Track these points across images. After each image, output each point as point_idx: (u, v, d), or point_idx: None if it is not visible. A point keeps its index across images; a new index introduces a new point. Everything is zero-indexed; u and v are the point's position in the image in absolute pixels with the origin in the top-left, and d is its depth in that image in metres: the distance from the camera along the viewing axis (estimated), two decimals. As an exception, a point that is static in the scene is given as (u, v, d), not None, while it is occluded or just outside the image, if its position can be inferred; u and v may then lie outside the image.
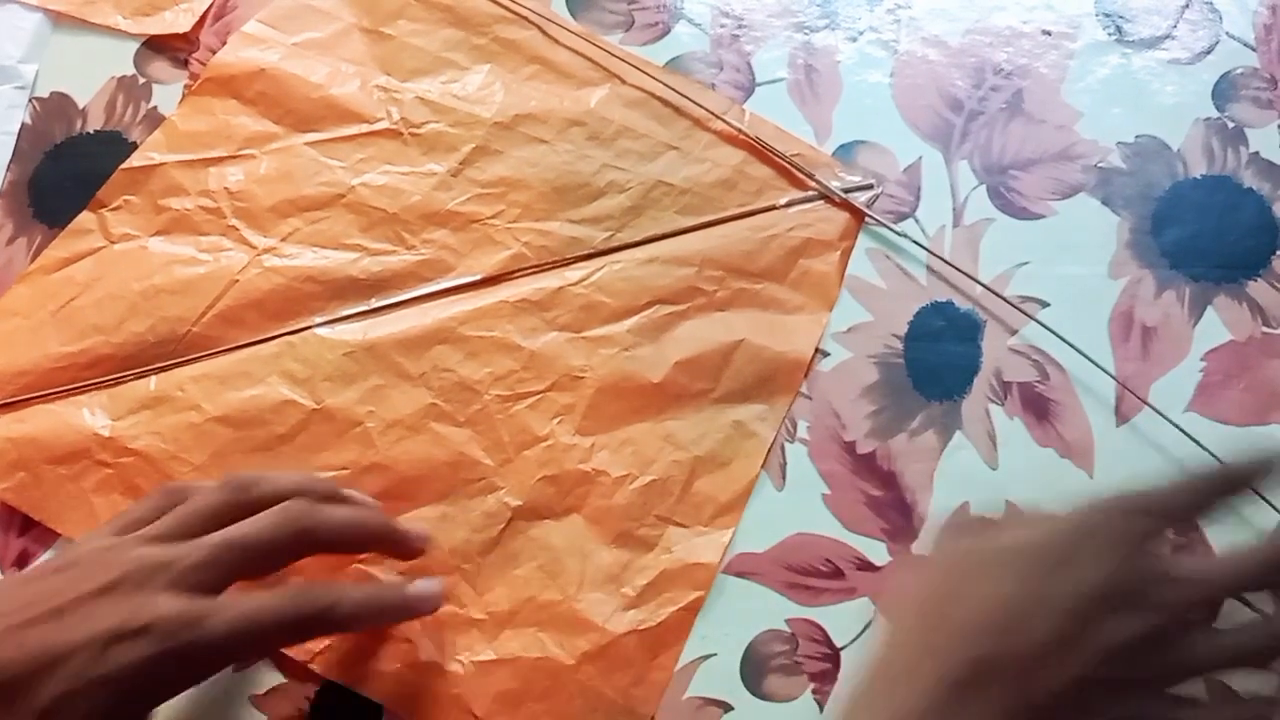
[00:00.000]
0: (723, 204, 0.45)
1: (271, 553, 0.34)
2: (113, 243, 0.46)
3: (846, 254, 0.44)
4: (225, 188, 0.47)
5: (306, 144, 0.47)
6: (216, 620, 0.32)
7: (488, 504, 0.41)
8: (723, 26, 0.49)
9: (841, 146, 0.46)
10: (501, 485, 0.41)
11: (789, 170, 0.46)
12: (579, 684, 0.38)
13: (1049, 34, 0.47)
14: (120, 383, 0.43)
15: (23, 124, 0.51)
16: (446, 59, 0.49)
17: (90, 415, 0.42)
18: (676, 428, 0.42)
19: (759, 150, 0.46)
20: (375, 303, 0.44)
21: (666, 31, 0.49)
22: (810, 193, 0.45)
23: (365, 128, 0.47)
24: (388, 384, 0.43)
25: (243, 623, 0.32)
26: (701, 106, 0.47)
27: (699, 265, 0.44)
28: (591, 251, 0.45)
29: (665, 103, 0.47)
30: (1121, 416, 0.40)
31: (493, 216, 0.46)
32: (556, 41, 0.49)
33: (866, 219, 0.44)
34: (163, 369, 0.43)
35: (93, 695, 0.30)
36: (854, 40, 0.48)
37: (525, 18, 0.50)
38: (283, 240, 0.45)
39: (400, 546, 0.38)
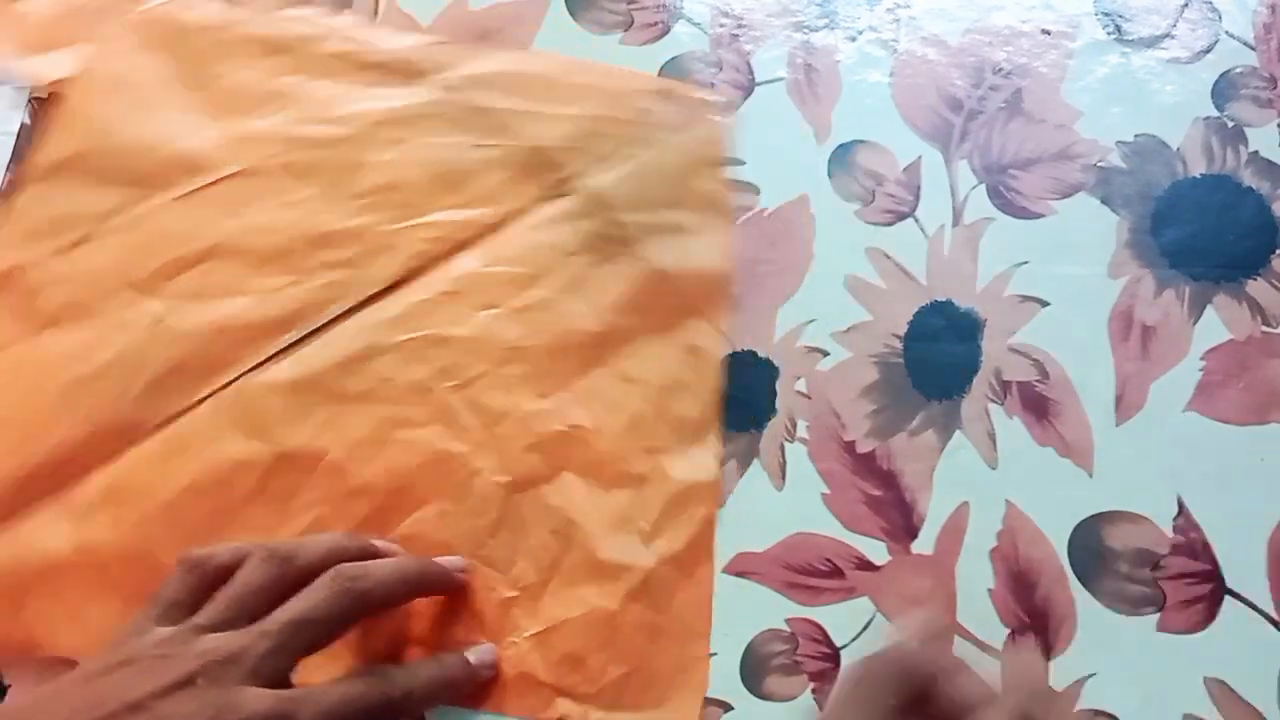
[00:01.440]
0: (598, 152, 0.46)
1: (333, 626, 0.35)
2: (3, 350, 0.45)
3: (726, 164, 0.46)
4: (97, 267, 0.45)
5: (168, 203, 0.46)
6: (305, 715, 0.32)
7: (477, 488, 0.41)
8: (722, 26, 0.49)
9: (841, 146, 0.46)
10: (483, 466, 0.41)
11: (650, 97, 0.47)
12: (632, 624, 0.39)
13: (1048, 33, 0.47)
14: (68, 488, 0.42)
15: (22, 124, 0.51)
16: (278, 89, 0.48)
17: (51, 528, 0.41)
18: (630, 366, 0.42)
19: (616, 93, 0.47)
20: (294, 336, 0.44)
21: (666, 31, 0.49)
22: (675, 114, 0.46)
23: (218, 174, 0.47)
24: (337, 410, 0.42)
25: (331, 713, 0.33)
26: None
27: (596, 212, 0.45)
28: (486, 228, 0.45)
29: (508, 75, 0.48)
30: (1121, 416, 0.40)
31: (379, 224, 0.45)
32: (379, 47, 0.49)
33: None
34: (106, 461, 0.42)
35: None
36: (853, 40, 0.48)
37: (335, 34, 0.49)
38: (178, 301, 0.45)
39: (444, 584, 0.39)
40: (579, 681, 0.38)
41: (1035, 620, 0.37)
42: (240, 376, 0.43)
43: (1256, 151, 0.43)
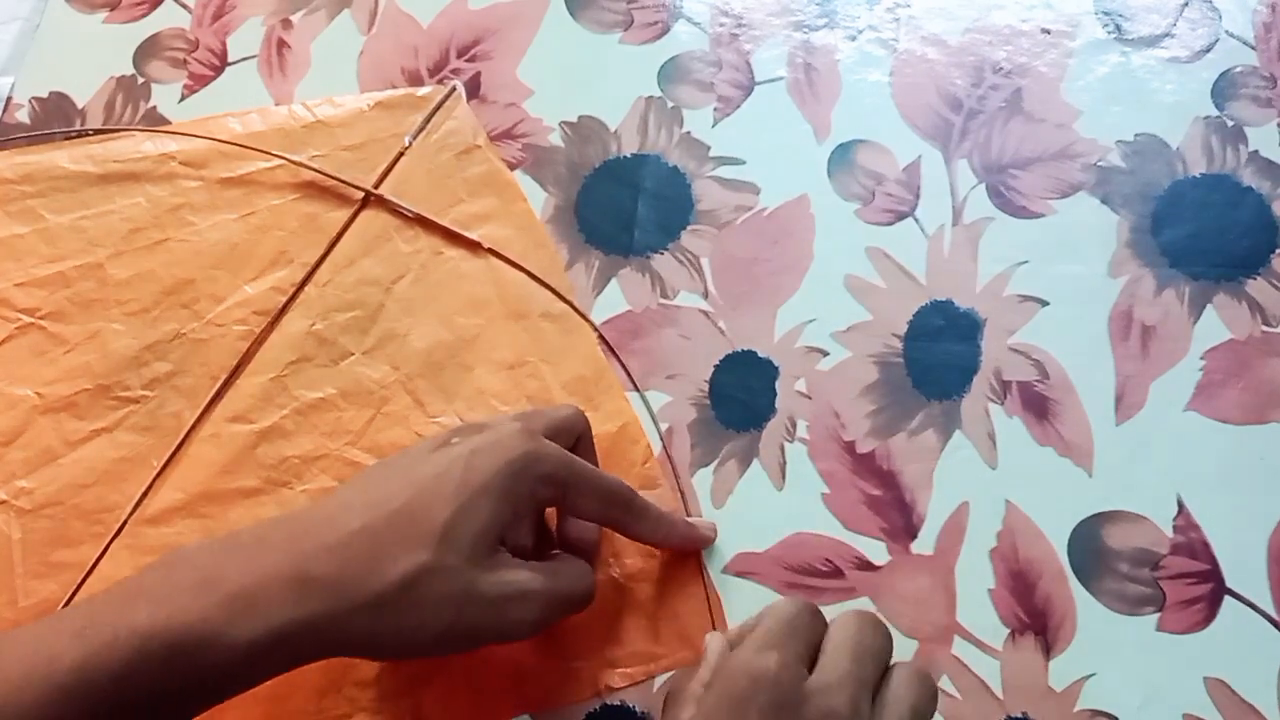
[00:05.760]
0: (362, 179, 0.47)
1: (557, 421, 0.37)
2: None
3: (487, 145, 0.48)
4: None
5: None
6: (548, 445, 0.35)
7: None
8: (722, 25, 0.49)
9: (841, 145, 0.46)
10: None
11: (380, 114, 0.49)
12: (626, 577, 0.40)
13: (1048, 32, 0.47)
14: None
15: (22, 124, 0.51)
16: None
17: None
18: (502, 355, 0.44)
19: (345, 120, 0.49)
20: (156, 464, 0.43)
21: (665, 31, 0.49)
22: (411, 121, 0.48)
23: None
24: (249, 507, 0.42)
25: (567, 458, 0.35)
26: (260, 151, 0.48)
27: (392, 235, 0.46)
28: (295, 288, 0.46)
29: (230, 142, 0.49)
30: (1121, 415, 0.40)
31: (187, 327, 0.45)
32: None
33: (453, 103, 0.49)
34: None
35: (479, 504, 0.33)
36: (853, 39, 0.48)
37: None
38: (22, 468, 0.44)
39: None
40: (618, 654, 0.39)
41: (1035, 620, 0.37)
42: (125, 523, 0.42)
43: (1256, 151, 0.43)
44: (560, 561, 0.37)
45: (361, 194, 0.47)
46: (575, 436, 0.38)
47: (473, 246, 0.46)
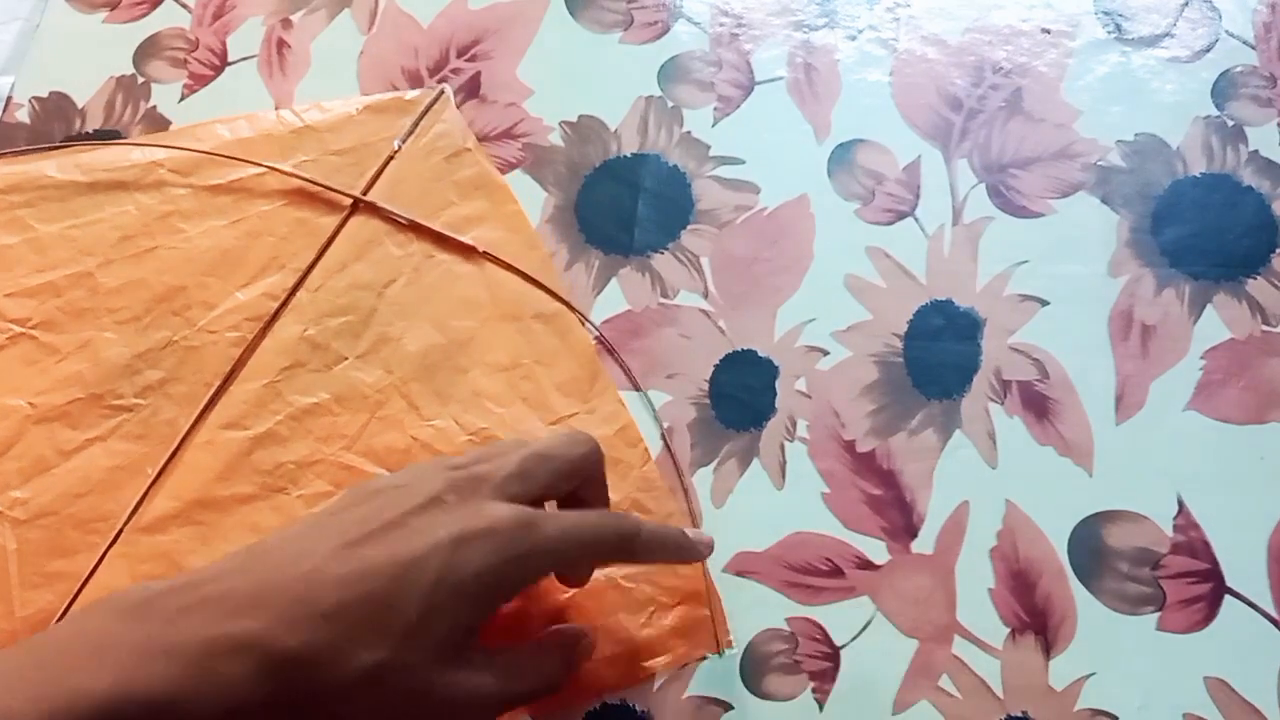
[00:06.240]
0: (352, 183, 0.47)
1: (568, 466, 0.35)
2: None
3: (477, 148, 0.48)
4: None
5: None
6: (548, 526, 0.33)
7: None
8: (722, 25, 0.49)
9: (841, 145, 0.46)
10: None
11: (368, 118, 0.49)
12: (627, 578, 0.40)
13: (1048, 32, 0.47)
14: None
15: (22, 124, 0.51)
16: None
17: None
18: (496, 358, 0.44)
19: (334, 125, 0.49)
20: (151, 472, 0.43)
21: (665, 30, 0.49)
22: (401, 124, 0.48)
23: None
24: (245, 513, 0.42)
25: (570, 531, 0.33)
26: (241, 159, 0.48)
27: (384, 239, 0.46)
28: (287, 293, 0.45)
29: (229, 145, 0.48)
30: (1121, 415, 0.40)
31: (179, 335, 0.45)
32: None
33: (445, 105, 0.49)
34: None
35: (452, 605, 0.31)
36: (853, 39, 0.48)
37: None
38: (18, 479, 0.44)
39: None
40: (618, 654, 0.39)
41: (1035, 619, 0.37)
42: (121, 532, 0.42)
43: (1256, 150, 0.43)
44: (532, 654, 0.35)
45: (350, 200, 0.47)
46: (586, 478, 0.36)
47: (466, 251, 0.46)
